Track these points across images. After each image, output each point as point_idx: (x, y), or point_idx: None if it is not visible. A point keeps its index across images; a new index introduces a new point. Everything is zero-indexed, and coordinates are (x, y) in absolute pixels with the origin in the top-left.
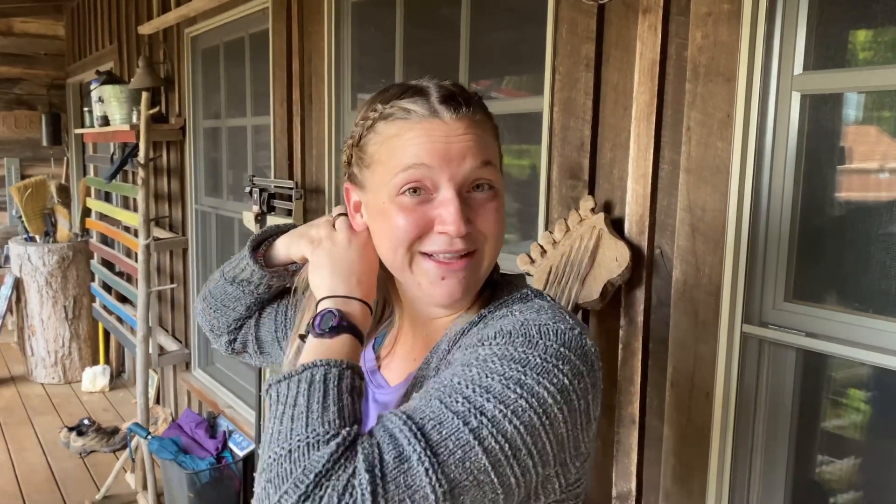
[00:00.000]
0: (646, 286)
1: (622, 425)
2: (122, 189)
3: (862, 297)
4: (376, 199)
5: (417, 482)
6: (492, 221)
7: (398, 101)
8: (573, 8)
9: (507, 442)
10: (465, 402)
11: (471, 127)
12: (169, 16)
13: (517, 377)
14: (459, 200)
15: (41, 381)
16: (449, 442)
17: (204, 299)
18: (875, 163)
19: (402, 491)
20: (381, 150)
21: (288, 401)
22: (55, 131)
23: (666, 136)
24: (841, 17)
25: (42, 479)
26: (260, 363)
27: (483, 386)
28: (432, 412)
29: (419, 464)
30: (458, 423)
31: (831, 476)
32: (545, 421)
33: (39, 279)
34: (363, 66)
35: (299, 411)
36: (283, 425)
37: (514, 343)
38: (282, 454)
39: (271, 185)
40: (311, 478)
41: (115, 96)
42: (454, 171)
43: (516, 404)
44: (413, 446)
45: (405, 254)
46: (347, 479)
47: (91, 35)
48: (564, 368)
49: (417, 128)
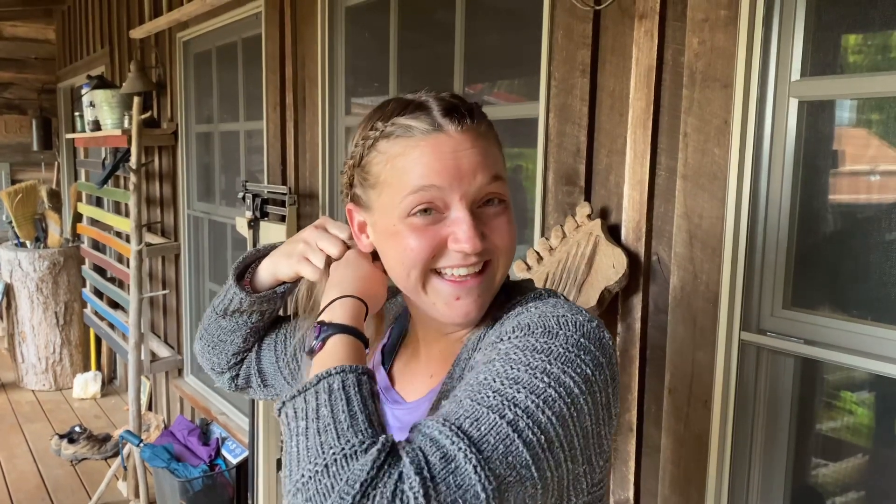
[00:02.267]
0: (643, 293)
1: (620, 433)
2: (113, 194)
3: (860, 304)
4: (385, 221)
5: (467, 481)
6: (504, 235)
7: (398, 117)
8: (569, 13)
9: (542, 433)
10: (496, 395)
11: (477, 140)
12: (161, 20)
13: (543, 366)
14: (472, 217)
15: (32, 388)
16: (490, 437)
17: (200, 338)
18: (872, 168)
19: (453, 491)
20: (387, 171)
21: (309, 415)
22: (46, 136)
23: (662, 142)
24: (838, 23)
25: (33, 487)
26: (264, 397)
27: (511, 378)
28: (466, 411)
29: (466, 462)
30: (495, 416)
31: (830, 483)
32: (573, 412)
33: (30, 285)
34: (357, 69)
35: (325, 423)
36: (310, 441)
37: (535, 334)
38: (317, 470)
39: (264, 191)
40: (356, 488)
41: (106, 101)
42: (465, 188)
43: (546, 394)
44: (457, 445)
45: (419, 275)
46: (395, 484)
47: (82, 39)
48: (586, 359)
49: (423, 145)
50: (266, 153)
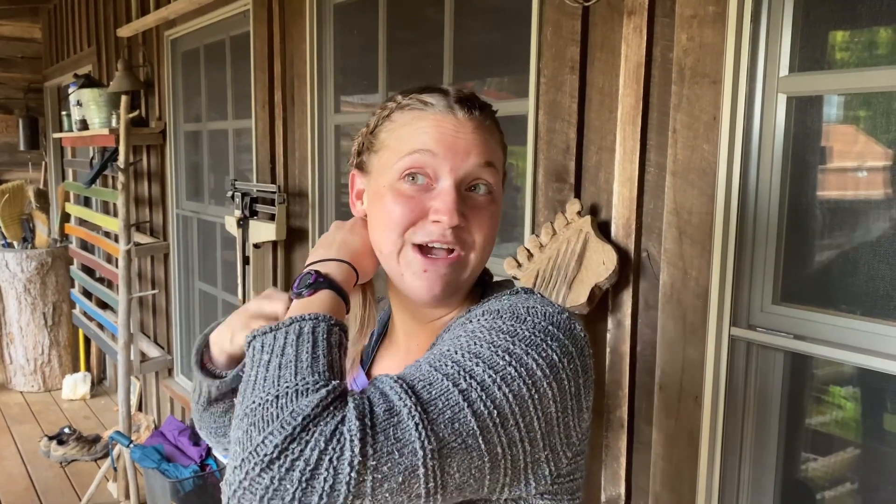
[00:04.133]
0: (633, 289)
1: (611, 429)
2: (101, 194)
3: (849, 298)
4: (377, 183)
5: (407, 436)
6: (485, 225)
7: (419, 94)
8: (558, 10)
9: (495, 408)
10: (454, 365)
11: (479, 128)
12: (148, 18)
13: (506, 346)
14: (457, 193)
15: (20, 390)
16: (439, 401)
17: (201, 429)
18: (860, 164)
19: (391, 443)
20: (392, 136)
21: (275, 350)
22: (33, 135)
23: (652, 138)
24: (826, 18)
25: (22, 490)
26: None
27: (472, 352)
28: (422, 374)
29: (409, 418)
30: (448, 384)
31: (820, 477)
32: (534, 393)
33: (18, 286)
34: (346, 67)
35: (287, 360)
36: (269, 372)
37: (503, 318)
38: (267, 399)
39: (254, 189)
40: (298, 420)
41: (93, 100)
42: (457, 163)
43: (505, 371)
44: (403, 401)
45: (396, 240)
46: (336, 425)
47: (69, 38)
48: (553, 345)
49: (430, 118)
50: (255, 151)
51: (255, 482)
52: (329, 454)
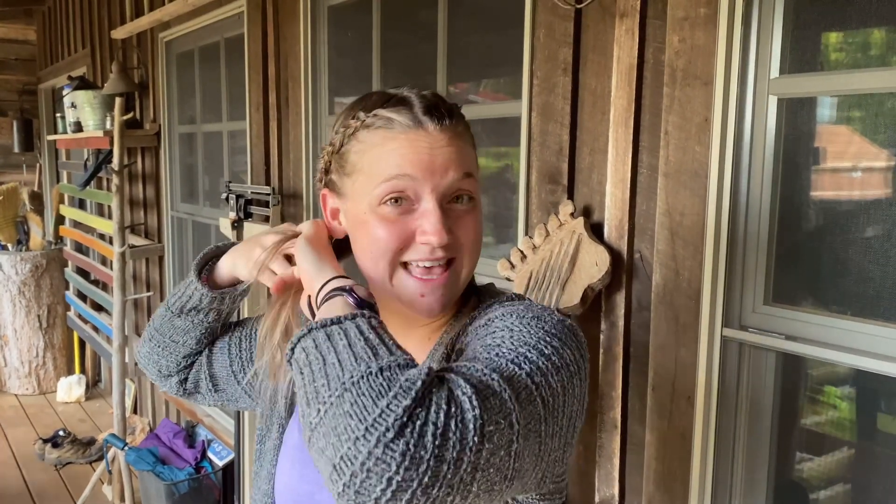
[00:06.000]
0: (626, 290)
1: (604, 430)
2: (96, 196)
3: (840, 299)
4: (356, 209)
5: (506, 407)
6: (471, 232)
7: (381, 110)
8: (550, 12)
9: (551, 395)
10: (509, 352)
11: (453, 139)
12: (142, 20)
13: (546, 338)
14: (441, 211)
15: (15, 392)
16: (514, 382)
17: (150, 339)
18: (851, 165)
19: (496, 412)
20: (363, 160)
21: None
22: (27, 137)
23: (644, 140)
24: (816, 20)
25: (16, 493)
26: (213, 402)
27: (520, 340)
28: (485, 361)
29: (502, 391)
30: (514, 367)
31: (812, 477)
32: (569, 388)
33: (12, 288)
34: (340, 69)
35: (372, 342)
36: (355, 351)
37: (525, 318)
38: (370, 371)
39: (248, 191)
40: (418, 384)
41: (88, 102)
42: (437, 182)
43: (552, 359)
44: (491, 377)
45: (387, 266)
46: (448, 390)
47: (63, 39)
48: (573, 345)
49: (401, 138)
50: (249, 153)
51: (389, 449)
52: (453, 416)
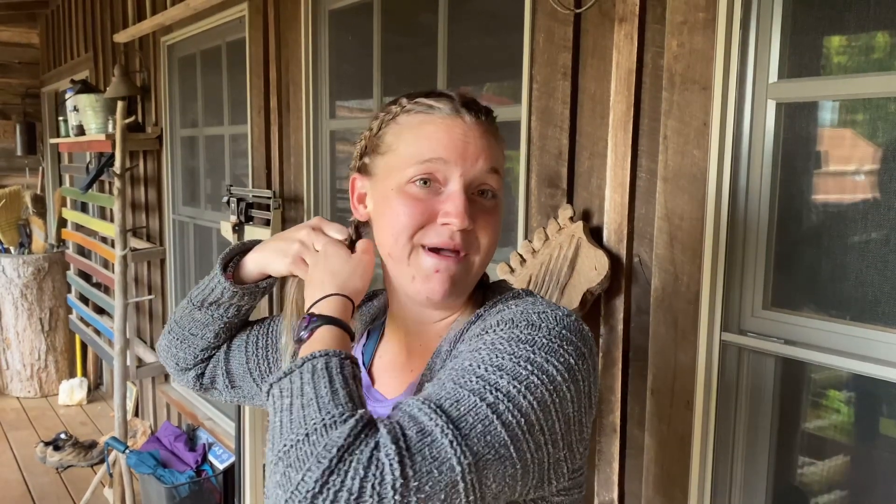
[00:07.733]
0: (625, 295)
1: (603, 434)
2: (98, 199)
3: (839, 303)
4: (384, 186)
5: (443, 454)
6: (490, 229)
7: (423, 98)
8: (550, 17)
9: (522, 417)
10: (479, 380)
11: (486, 132)
12: (144, 24)
13: (527, 355)
14: (466, 197)
15: (17, 395)
16: (469, 417)
17: (170, 331)
18: (850, 170)
19: (428, 462)
20: (399, 140)
21: (294, 392)
22: (30, 141)
23: (643, 144)
24: (814, 25)
25: (18, 495)
26: (230, 398)
27: (495, 364)
28: (448, 392)
29: (443, 436)
30: (475, 399)
31: (812, 482)
32: (555, 398)
33: (14, 291)
34: (341, 73)
35: (308, 399)
36: (293, 415)
37: (518, 327)
38: (298, 439)
39: (249, 195)
40: (333, 452)
41: (90, 105)
42: (467, 168)
43: (528, 380)
44: (434, 421)
45: (406, 243)
46: (371, 452)
47: (66, 43)
48: (569, 349)
49: (439, 122)
50: (251, 157)
51: None
52: (370, 480)
